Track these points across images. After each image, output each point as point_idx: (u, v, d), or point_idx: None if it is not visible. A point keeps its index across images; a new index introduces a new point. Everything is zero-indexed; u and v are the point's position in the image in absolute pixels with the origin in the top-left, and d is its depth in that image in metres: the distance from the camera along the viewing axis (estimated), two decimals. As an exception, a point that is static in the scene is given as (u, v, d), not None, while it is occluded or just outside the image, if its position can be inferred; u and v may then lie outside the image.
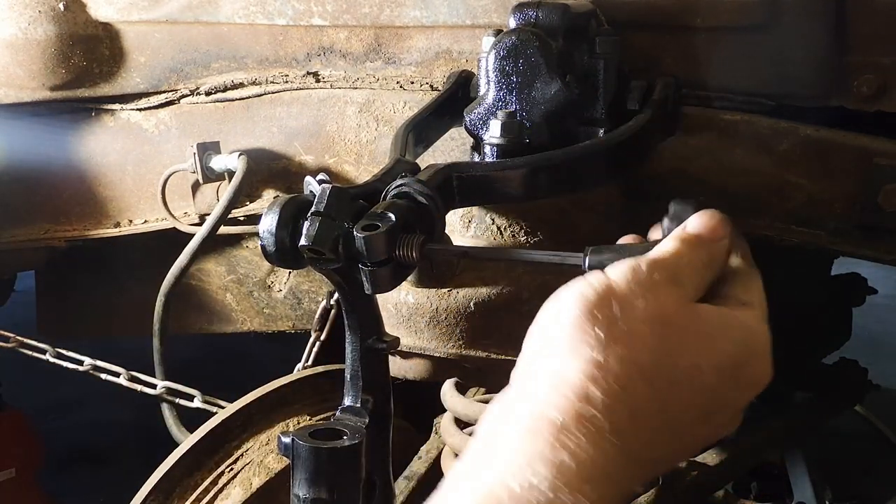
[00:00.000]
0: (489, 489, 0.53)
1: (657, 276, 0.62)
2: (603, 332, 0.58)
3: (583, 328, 0.58)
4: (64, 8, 1.43)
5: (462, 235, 1.06)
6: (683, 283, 0.64)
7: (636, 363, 0.58)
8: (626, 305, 0.60)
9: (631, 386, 0.57)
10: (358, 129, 1.36)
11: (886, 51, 1.09)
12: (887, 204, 1.09)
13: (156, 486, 1.19)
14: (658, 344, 0.60)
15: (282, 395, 1.33)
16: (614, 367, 0.57)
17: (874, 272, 1.86)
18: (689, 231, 0.67)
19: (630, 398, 0.57)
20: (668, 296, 0.62)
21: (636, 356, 0.58)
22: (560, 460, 0.53)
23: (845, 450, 2.36)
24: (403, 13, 1.27)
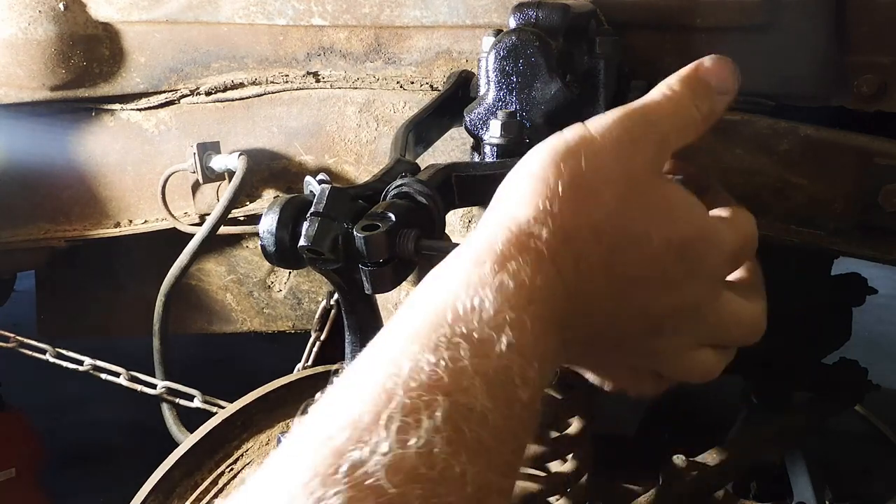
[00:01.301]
0: (435, 310, 0.52)
1: (639, 134, 0.61)
2: (562, 184, 0.57)
3: (544, 178, 0.58)
4: (64, 8, 1.43)
5: (462, 235, 1.06)
6: (668, 142, 0.63)
7: (588, 217, 0.57)
8: (595, 162, 0.59)
9: (578, 236, 0.57)
10: (358, 129, 1.36)
11: (886, 51, 1.09)
12: (887, 204, 1.09)
13: (156, 486, 1.19)
14: (615, 206, 0.58)
15: (282, 395, 1.33)
16: (565, 217, 0.56)
17: (874, 272, 1.85)
18: (698, 74, 0.65)
19: (574, 246, 0.57)
20: (644, 159, 0.61)
21: (590, 211, 0.58)
22: (501, 282, 0.53)
23: (845, 450, 2.36)
24: (403, 13, 1.27)
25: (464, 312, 0.52)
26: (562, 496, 1.17)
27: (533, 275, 0.54)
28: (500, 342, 0.51)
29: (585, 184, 0.58)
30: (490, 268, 0.54)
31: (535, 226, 0.56)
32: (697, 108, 0.65)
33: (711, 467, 1.26)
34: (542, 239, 0.56)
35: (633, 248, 0.59)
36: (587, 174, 0.58)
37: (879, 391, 1.78)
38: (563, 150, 0.59)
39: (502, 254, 0.55)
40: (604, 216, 0.58)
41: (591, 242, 0.57)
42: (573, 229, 0.57)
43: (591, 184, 0.58)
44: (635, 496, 1.22)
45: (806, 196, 1.14)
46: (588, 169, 0.58)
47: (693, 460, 1.24)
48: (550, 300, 0.55)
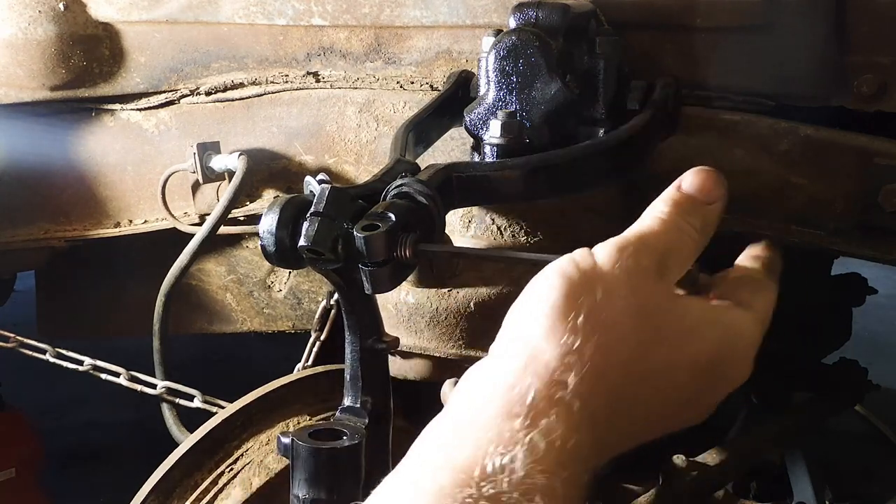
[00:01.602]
0: (461, 467, 0.52)
1: (645, 262, 0.61)
2: (582, 319, 0.57)
3: (563, 312, 0.58)
4: (64, 8, 1.43)
5: (462, 235, 1.06)
6: (670, 267, 0.64)
7: (615, 356, 0.58)
8: (609, 293, 0.59)
9: (605, 375, 0.57)
10: (358, 129, 1.36)
11: (886, 51, 1.09)
12: (887, 204, 1.09)
13: (156, 486, 1.19)
14: (637, 337, 0.59)
15: (282, 395, 1.33)
16: (590, 356, 0.57)
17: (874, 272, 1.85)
18: (682, 192, 0.66)
19: (604, 387, 0.57)
20: (653, 286, 0.61)
21: (614, 347, 0.58)
22: (531, 441, 0.53)
23: (845, 450, 2.35)
24: (403, 13, 1.27)
25: (492, 471, 0.51)
26: (562, 496, 1.17)
27: (565, 433, 0.54)
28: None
29: (605, 319, 0.58)
30: (520, 424, 0.54)
31: (564, 373, 0.56)
32: (690, 224, 0.65)
33: (711, 467, 1.26)
34: (572, 387, 0.56)
35: (661, 379, 0.60)
36: (604, 308, 0.58)
37: (879, 391, 1.78)
38: (577, 280, 0.59)
39: (533, 408, 0.54)
40: (628, 352, 0.59)
41: (616, 379, 0.58)
42: (601, 368, 0.57)
43: (610, 318, 0.58)
44: (635, 496, 1.22)
45: (806, 196, 1.14)
46: (604, 302, 0.59)
47: (693, 460, 1.24)
48: (582, 455, 0.55)
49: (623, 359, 0.58)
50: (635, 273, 0.61)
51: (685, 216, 0.65)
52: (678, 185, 0.67)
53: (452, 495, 0.50)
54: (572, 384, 0.56)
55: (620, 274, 0.60)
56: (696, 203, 0.66)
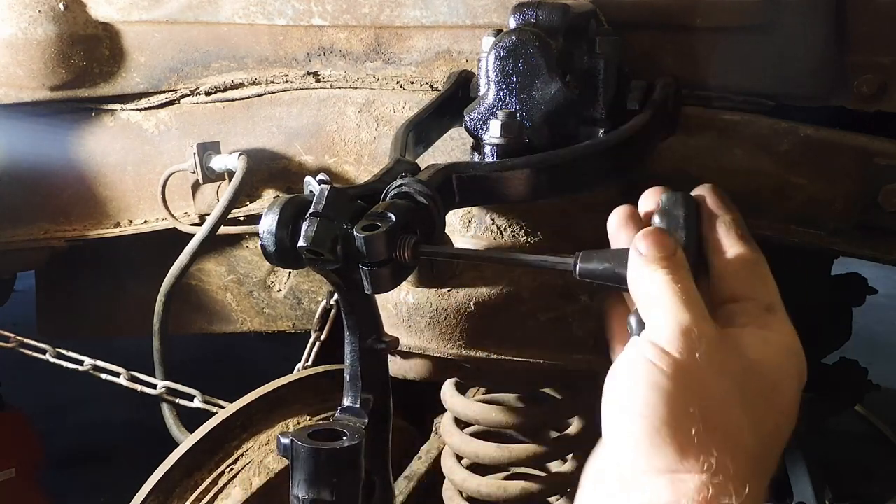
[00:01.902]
0: None
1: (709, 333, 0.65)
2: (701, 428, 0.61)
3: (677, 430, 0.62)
4: (64, 8, 1.43)
5: (462, 235, 1.06)
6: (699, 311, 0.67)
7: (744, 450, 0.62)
8: (707, 387, 0.63)
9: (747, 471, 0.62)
10: (358, 129, 1.36)
11: (886, 51, 1.09)
12: (887, 204, 1.09)
13: (156, 486, 1.19)
14: (749, 418, 0.64)
15: (282, 395, 1.33)
16: (729, 465, 0.61)
17: (874, 272, 1.86)
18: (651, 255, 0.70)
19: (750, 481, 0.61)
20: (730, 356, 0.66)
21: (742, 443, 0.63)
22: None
23: (845, 450, 2.36)
24: (403, 13, 1.27)
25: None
26: (562, 496, 1.17)
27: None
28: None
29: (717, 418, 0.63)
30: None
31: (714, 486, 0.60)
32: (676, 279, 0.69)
33: (711, 467, 1.26)
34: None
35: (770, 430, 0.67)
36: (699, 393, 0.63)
37: (879, 391, 1.78)
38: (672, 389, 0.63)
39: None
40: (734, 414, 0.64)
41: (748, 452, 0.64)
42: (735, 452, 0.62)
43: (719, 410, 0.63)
44: None
45: (806, 196, 1.14)
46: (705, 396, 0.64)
47: (693, 460, 1.24)
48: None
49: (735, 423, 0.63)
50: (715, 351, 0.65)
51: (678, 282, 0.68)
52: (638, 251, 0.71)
53: None
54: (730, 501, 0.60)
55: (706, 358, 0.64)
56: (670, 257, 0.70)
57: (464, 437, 1.17)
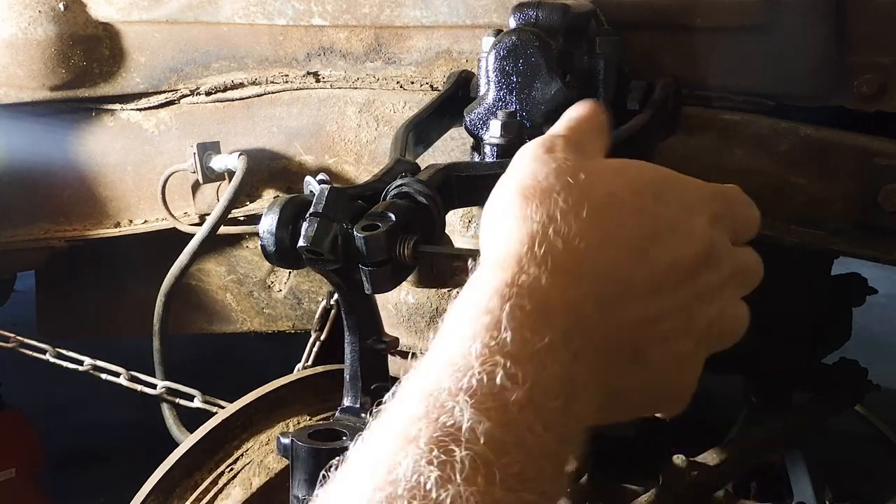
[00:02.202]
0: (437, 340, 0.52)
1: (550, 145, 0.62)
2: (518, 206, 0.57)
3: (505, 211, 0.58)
4: (64, 8, 1.43)
5: (462, 235, 1.06)
6: (583, 143, 0.64)
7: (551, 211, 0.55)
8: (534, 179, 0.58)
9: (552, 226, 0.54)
10: (358, 129, 1.36)
11: (886, 51, 1.09)
12: (887, 204, 1.10)
13: (156, 486, 1.19)
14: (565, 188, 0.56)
15: (282, 395, 1.33)
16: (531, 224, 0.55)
17: (874, 272, 1.86)
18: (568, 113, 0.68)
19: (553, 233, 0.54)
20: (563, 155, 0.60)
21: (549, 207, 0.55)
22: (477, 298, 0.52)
23: (845, 450, 2.35)
24: (403, 13, 1.27)
25: (448, 339, 0.50)
26: (562, 496, 1.17)
27: (509, 277, 0.52)
28: (474, 349, 0.49)
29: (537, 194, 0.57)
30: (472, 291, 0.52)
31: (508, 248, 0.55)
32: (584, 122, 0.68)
33: (711, 467, 1.26)
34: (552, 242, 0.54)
35: (610, 209, 0.57)
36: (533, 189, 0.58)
37: (879, 391, 1.78)
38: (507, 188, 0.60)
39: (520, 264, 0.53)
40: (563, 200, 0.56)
41: (565, 223, 0.55)
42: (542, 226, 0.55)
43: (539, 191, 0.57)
44: (635, 496, 1.22)
45: (806, 196, 1.14)
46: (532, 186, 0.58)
47: (693, 460, 1.24)
48: (537, 291, 0.51)
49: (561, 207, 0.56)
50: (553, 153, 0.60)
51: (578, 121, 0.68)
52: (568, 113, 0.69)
53: (421, 373, 0.51)
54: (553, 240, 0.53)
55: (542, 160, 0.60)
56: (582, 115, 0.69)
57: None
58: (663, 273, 0.57)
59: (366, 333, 0.88)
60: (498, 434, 0.46)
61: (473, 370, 0.48)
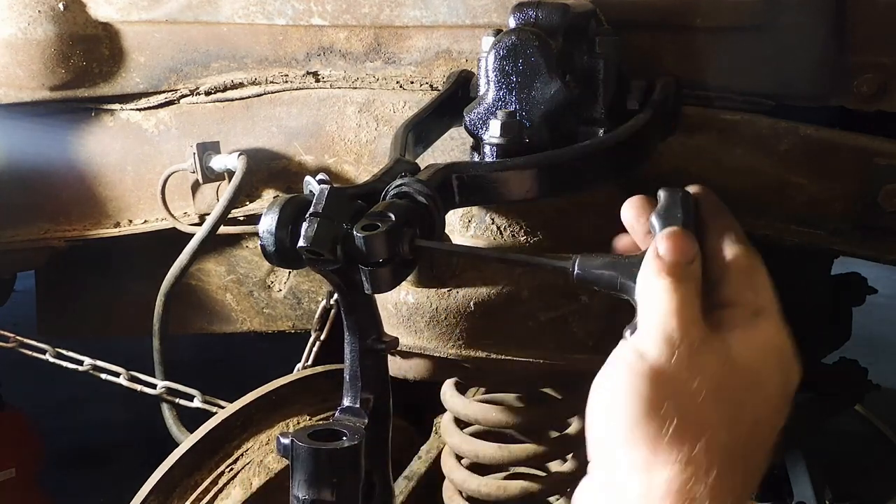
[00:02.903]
0: None
1: (690, 338, 0.67)
2: (674, 425, 0.64)
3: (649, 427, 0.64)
4: (64, 8, 1.43)
5: (462, 235, 1.05)
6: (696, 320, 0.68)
7: (717, 445, 0.64)
8: (681, 387, 0.65)
9: (721, 465, 0.63)
10: (358, 129, 1.36)
11: (886, 51, 1.09)
12: (887, 204, 1.09)
13: (156, 486, 1.19)
14: (724, 415, 0.65)
15: (282, 395, 1.33)
16: (702, 459, 0.63)
17: (874, 272, 1.85)
18: (667, 262, 0.70)
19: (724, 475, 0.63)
20: (709, 358, 0.67)
21: (715, 438, 0.64)
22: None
23: (845, 450, 2.35)
24: (403, 13, 1.27)
25: None
26: (562, 496, 1.17)
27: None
28: None
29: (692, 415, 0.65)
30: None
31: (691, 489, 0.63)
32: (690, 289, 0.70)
33: (711, 467, 1.26)
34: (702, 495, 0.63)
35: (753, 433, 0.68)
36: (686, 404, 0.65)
37: (879, 391, 1.78)
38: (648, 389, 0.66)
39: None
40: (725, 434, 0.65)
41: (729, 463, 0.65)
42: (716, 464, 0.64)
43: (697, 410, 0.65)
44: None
45: (806, 196, 1.14)
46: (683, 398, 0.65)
47: (693, 460, 1.24)
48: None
49: (725, 442, 0.64)
50: (689, 352, 0.66)
51: (682, 281, 0.70)
52: (657, 254, 0.71)
53: None
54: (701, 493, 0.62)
55: (678, 361, 0.66)
56: (683, 271, 0.70)
57: (464, 437, 1.17)
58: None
59: (366, 333, 0.88)
60: None
61: None
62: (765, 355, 0.70)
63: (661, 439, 0.63)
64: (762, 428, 0.69)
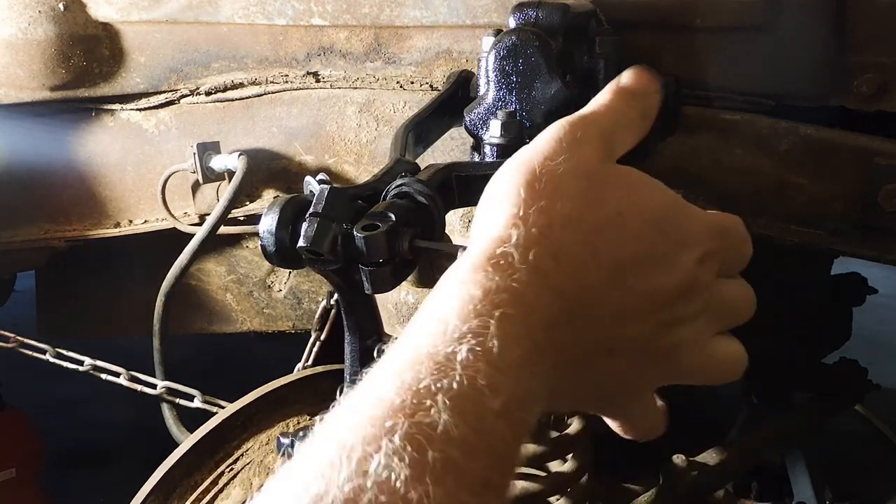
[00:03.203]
0: (409, 336, 0.52)
1: (581, 134, 0.62)
2: (524, 190, 0.58)
3: (506, 193, 0.59)
4: (64, 8, 1.43)
5: (462, 235, 1.06)
6: (613, 141, 0.65)
7: (556, 212, 0.57)
8: (547, 164, 0.60)
9: (549, 231, 0.56)
10: (358, 129, 1.36)
11: (886, 51, 1.09)
12: (887, 204, 1.10)
13: (156, 486, 1.19)
14: (578, 194, 0.59)
15: (282, 395, 1.33)
16: (533, 217, 0.57)
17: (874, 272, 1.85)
18: (622, 84, 0.68)
19: (550, 241, 0.56)
20: (590, 151, 0.62)
21: (556, 206, 0.58)
22: (467, 293, 0.52)
23: (845, 450, 2.35)
24: (403, 13, 1.27)
25: (432, 331, 0.51)
26: (562, 496, 1.17)
27: (502, 280, 0.53)
28: (460, 352, 0.49)
29: (545, 184, 0.58)
30: (458, 280, 0.54)
31: (505, 231, 0.56)
32: (631, 107, 0.68)
33: (711, 467, 1.26)
34: (511, 242, 0.55)
35: (611, 230, 0.59)
36: (543, 175, 0.59)
37: (879, 391, 1.78)
38: (515, 164, 0.61)
39: (472, 266, 0.54)
40: (571, 207, 0.58)
41: (565, 232, 0.57)
42: (543, 226, 0.56)
43: (550, 183, 0.59)
44: (635, 496, 1.22)
45: (806, 196, 1.14)
46: (542, 171, 0.59)
47: (693, 460, 1.24)
48: (523, 301, 0.53)
49: (568, 214, 0.57)
50: (573, 141, 0.61)
51: (626, 103, 0.67)
52: (617, 80, 0.69)
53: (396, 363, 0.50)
54: (513, 239, 0.55)
55: (557, 144, 0.61)
56: (636, 93, 0.69)
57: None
58: (632, 304, 0.60)
59: (366, 333, 0.88)
60: (471, 439, 0.47)
61: (455, 373, 0.48)
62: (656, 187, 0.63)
63: (511, 194, 0.58)
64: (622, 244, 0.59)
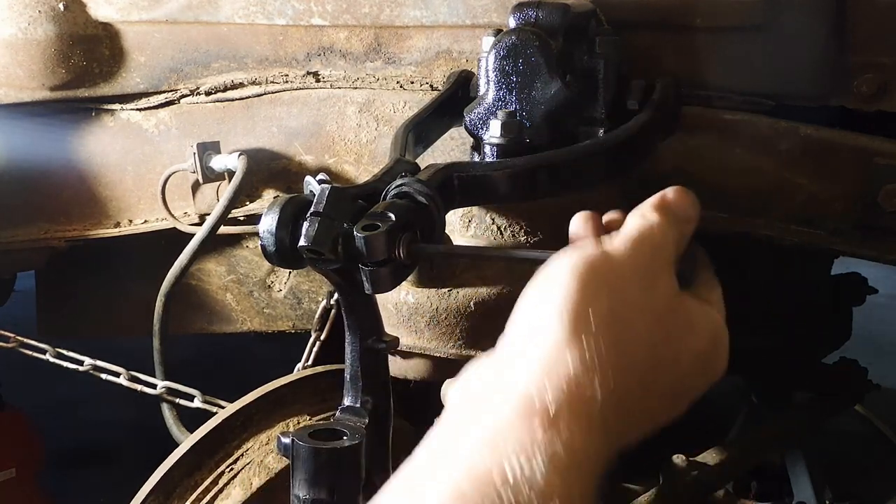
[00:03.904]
0: (480, 473, 0.52)
1: (655, 261, 0.64)
2: (600, 319, 0.58)
3: (578, 311, 0.58)
4: (64, 8, 1.43)
5: (462, 235, 1.06)
6: (669, 262, 0.66)
7: (628, 355, 0.59)
8: (622, 289, 0.60)
9: (623, 378, 0.58)
10: (358, 129, 1.36)
11: (886, 51, 1.09)
12: (887, 204, 1.10)
13: (156, 486, 1.19)
14: (650, 337, 0.61)
15: (282, 395, 1.33)
16: (609, 361, 0.57)
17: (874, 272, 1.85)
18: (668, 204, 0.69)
19: (620, 389, 0.58)
20: (664, 285, 0.64)
21: (629, 347, 0.59)
22: (554, 450, 0.53)
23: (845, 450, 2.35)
24: (403, 13, 1.27)
25: (513, 478, 0.51)
26: (562, 496, 1.17)
27: (584, 439, 0.55)
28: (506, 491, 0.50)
29: (621, 317, 0.60)
30: (542, 433, 0.53)
31: (586, 382, 0.56)
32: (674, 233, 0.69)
33: (711, 467, 1.26)
34: (592, 395, 0.56)
35: (668, 371, 0.63)
36: (618, 306, 0.60)
37: (879, 391, 1.78)
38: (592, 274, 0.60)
39: (555, 416, 0.54)
40: (642, 352, 0.60)
41: (632, 379, 0.59)
42: (620, 372, 0.58)
43: (626, 317, 0.60)
44: (635, 496, 1.22)
45: (806, 196, 1.14)
46: (618, 300, 0.60)
47: (693, 460, 1.24)
48: (595, 456, 0.56)
49: (637, 359, 0.60)
50: (647, 273, 0.63)
51: (671, 225, 0.68)
52: (663, 195, 0.70)
53: (474, 501, 0.50)
54: (593, 391, 0.56)
55: (632, 271, 0.62)
56: (680, 217, 0.70)
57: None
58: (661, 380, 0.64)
59: (366, 333, 0.88)
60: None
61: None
62: (706, 323, 0.67)
63: (583, 319, 0.57)
64: (673, 387, 0.64)
